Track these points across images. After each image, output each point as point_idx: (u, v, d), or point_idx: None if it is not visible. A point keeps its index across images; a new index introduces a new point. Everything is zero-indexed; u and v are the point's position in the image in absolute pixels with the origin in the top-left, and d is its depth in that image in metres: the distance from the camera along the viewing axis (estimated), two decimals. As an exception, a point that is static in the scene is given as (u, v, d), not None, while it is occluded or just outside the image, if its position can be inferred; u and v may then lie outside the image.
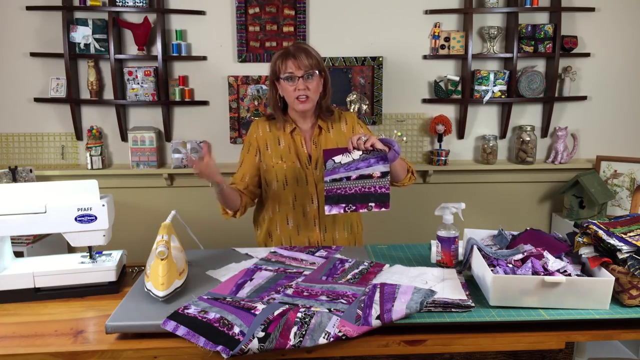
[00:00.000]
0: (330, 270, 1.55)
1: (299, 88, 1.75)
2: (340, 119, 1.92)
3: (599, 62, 3.17)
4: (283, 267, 1.58)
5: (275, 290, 1.40)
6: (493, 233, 1.72)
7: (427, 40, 3.13)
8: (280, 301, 1.32)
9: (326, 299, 1.34)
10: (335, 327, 1.20)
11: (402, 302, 1.28)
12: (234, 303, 1.31)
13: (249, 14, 3.05)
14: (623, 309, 1.30)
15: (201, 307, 1.29)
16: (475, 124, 3.23)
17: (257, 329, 1.19)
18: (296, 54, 1.74)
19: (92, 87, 3.03)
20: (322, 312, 1.25)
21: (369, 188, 1.64)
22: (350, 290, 1.38)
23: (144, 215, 3.15)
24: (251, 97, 3.10)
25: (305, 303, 1.31)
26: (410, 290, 1.34)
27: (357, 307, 1.28)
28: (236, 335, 1.18)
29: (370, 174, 1.64)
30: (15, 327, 1.31)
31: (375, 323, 1.22)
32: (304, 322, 1.21)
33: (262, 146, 1.89)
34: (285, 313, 1.24)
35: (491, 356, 1.33)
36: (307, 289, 1.40)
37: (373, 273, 1.51)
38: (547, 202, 3.31)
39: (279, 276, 1.51)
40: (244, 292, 1.39)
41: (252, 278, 1.49)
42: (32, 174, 2.93)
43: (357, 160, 1.65)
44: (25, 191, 1.47)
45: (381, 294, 1.33)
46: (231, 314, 1.25)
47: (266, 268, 1.57)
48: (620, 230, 1.42)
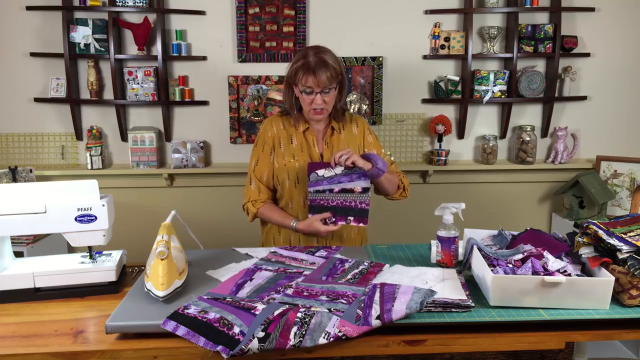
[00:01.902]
0: (330, 270, 1.55)
1: (316, 102, 1.78)
2: (352, 121, 1.95)
3: (599, 62, 3.17)
4: (283, 267, 1.58)
5: (275, 291, 1.40)
6: (493, 233, 1.72)
7: (427, 40, 3.13)
8: (281, 301, 1.32)
9: (326, 298, 1.34)
10: (335, 327, 1.20)
11: (402, 302, 1.27)
12: (234, 303, 1.31)
13: (249, 14, 3.05)
14: (623, 309, 1.30)
15: (201, 307, 1.29)
16: (475, 124, 3.23)
17: (257, 329, 1.18)
18: (317, 70, 1.73)
19: (92, 87, 3.03)
20: (322, 312, 1.25)
21: (349, 202, 1.74)
22: (350, 291, 1.38)
23: (144, 215, 3.15)
24: (251, 97, 3.10)
25: (305, 303, 1.31)
26: (411, 290, 1.34)
27: (357, 307, 1.28)
28: (236, 335, 1.18)
29: (351, 189, 1.74)
30: (15, 327, 1.31)
31: (375, 323, 1.22)
32: (304, 322, 1.21)
33: (275, 144, 1.91)
34: (285, 313, 1.24)
35: (491, 356, 1.33)
36: (307, 289, 1.40)
37: (373, 273, 1.51)
38: (547, 202, 3.31)
39: (279, 276, 1.51)
40: (244, 292, 1.39)
41: (252, 278, 1.49)
42: (32, 174, 2.93)
43: (340, 174, 1.74)
44: (25, 191, 1.47)
45: (381, 294, 1.33)
46: (231, 314, 1.25)
47: (266, 268, 1.57)
48: (620, 230, 1.42)
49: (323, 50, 1.80)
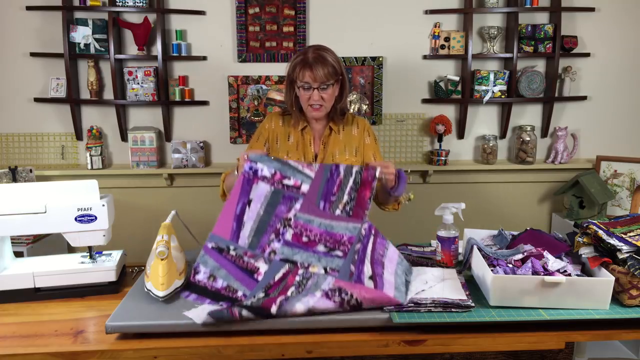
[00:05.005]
0: (327, 187, 1.52)
1: (313, 98, 1.78)
2: (352, 123, 1.95)
3: (599, 62, 3.17)
4: (280, 172, 1.53)
5: (275, 232, 1.44)
6: (493, 233, 1.72)
7: (427, 40, 3.13)
8: (281, 257, 1.40)
9: (323, 250, 1.41)
10: (330, 284, 1.32)
11: (390, 272, 1.38)
12: (238, 260, 1.41)
13: (249, 14, 3.05)
14: (623, 309, 1.30)
15: (209, 267, 1.40)
16: (475, 124, 3.23)
17: (258, 292, 1.33)
18: (314, 64, 1.74)
19: (92, 87, 3.03)
20: (318, 273, 1.36)
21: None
22: (347, 233, 1.43)
23: (144, 215, 3.15)
24: (251, 97, 3.10)
25: (304, 260, 1.40)
26: (395, 259, 1.44)
27: (350, 262, 1.36)
28: (239, 297, 1.34)
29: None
30: (15, 327, 1.32)
31: (367, 283, 1.32)
32: (301, 284, 1.34)
33: (272, 139, 1.91)
34: (284, 277, 1.36)
35: (491, 356, 1.33)
36: (306, 228, 1.44)
37: (368, 183, 1.50)
38: (547, 202, 3.31)
39: (276, 197, 1.50)
40: (245, 235, 1.44)
41: (249, 200, 1.50)
42: (32, 174, 2.93)
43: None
44: (25, 191, 1.47)
45: (373, 247, 1.43)
46: (236, 280, 1.38)
47: (263, 175, 1.53)
48: (620, 230, 1.42)
49: (323, 49, 1.81)
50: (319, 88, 1.76)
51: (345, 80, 1.85)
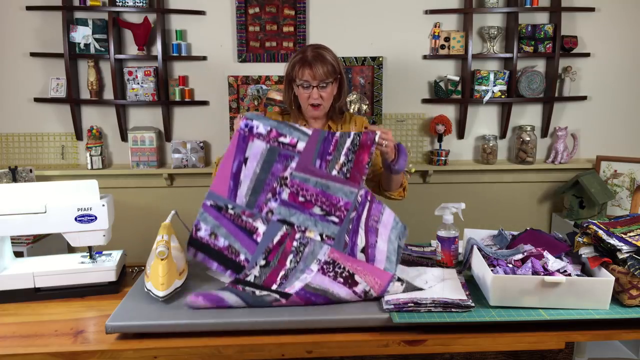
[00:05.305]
0: (324, 146, 1.50)
1: (313, 97, 1.78)
2: (351, 121, 1.95)
3: (599, 62, 3.17)
4: (276, 130, 1.50)
5: (272, 191, 1.46)
6: (493, 233, 1.72)
7: (427, 40, 3.13)
8: (278, 218, 1.45)
9: (320, 212, 1.45)
10: (325, 254, 1.40)
11: (383, 239, 1.43)
12: (237, 220, 1.45)
13: (249, 14, 3.05)
14: (623, 309, 1.30)
15: (210, 225, 1.46)
16: (475, 124, 3.23)
17: (259, 257, 1.41)
18: (313, 63, 1.75)
19: (92, 87, 3.03)
20: (315, 240, 1.42)
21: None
22: (343, 197, 1.46)
23: (144, 215, 3.15)
24: (251, 97, 3.10)
25: (301, 223, 1.44)
26: (390, 223, 1.50)
27: (345, 232, 1.43)
28: (242, 262, 1.43)
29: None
30: (15, 327, 1.32)
31: (360, 256, 1.41)
32: (299, 251, 1.42)
33: None
34: (282, 241, 1.43)
35: (491, 356, 1.33)
36: (302, 188, 1.46)
37: (366, 149, 1.49)
38: (547, 202, 3.31)
39: (272, 155, 1.49)
40: (242, 194, 1.47)
41: (246, 158, 1.49)
42: (32, 174, 2.93)
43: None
44: (25, 191, 1.47)
45: (368, 214, 1.47)
46: (237, 240, 1.44)
47: (258, 132, 1.51)
48: (620, 230, 1.42)
49: (322, 47, 1.82)
50: (318, 86, 1.77)
51: (343, 79, 1.85)
